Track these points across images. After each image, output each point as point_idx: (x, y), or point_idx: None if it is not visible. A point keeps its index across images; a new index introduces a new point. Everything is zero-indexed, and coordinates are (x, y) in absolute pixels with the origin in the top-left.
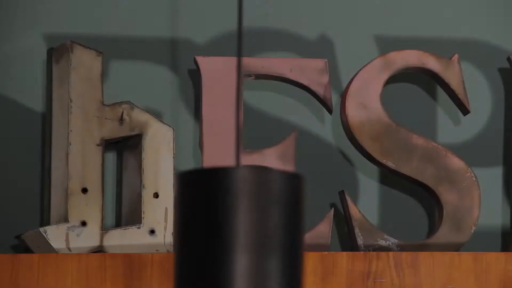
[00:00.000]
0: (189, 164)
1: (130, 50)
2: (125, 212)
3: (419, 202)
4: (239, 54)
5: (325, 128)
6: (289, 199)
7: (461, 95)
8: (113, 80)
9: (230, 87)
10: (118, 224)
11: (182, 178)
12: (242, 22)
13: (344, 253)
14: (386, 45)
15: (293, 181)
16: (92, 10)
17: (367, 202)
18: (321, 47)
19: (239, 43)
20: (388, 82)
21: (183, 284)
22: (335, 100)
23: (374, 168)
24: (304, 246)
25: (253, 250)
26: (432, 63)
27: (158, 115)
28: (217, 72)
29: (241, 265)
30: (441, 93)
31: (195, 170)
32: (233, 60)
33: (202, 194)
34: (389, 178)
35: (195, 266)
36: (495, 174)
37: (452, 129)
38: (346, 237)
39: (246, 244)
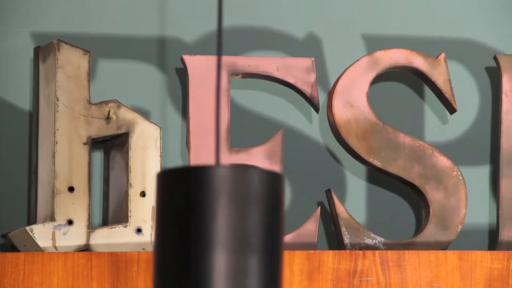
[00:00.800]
0: (177, 163)
1: (118, 49)
2: (112, 210)
3: (407, 201)
4: (219, 53)
5: (312, 126)
6: (269, 198)
7: (447, 94)
8: (101, 79)
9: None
10: (105, 222)
11: (163, 177)
12: (222, 22)
13: (330, 251)
14: (374, 44)
15: (273, 180)
16: (80, 9)
17: (354, 201)
18: (309, 46)
19: (218, 42)
20: (376, 80)
21: (162, 282)
22: (323, 98)
23: (362, 167)
24: (284, 245)
25: (232, 248)
26: (419, 62)
27: (146, 114)
28: (204, 71)
29: (220, 263)
30: (428, 92)
31: (175, 169)
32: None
33: (182, 193)
34: (377, 176)
35: (174, 264)
36: (482, 173)
37: (439, 128)
38: (334, 236)
39: (225, 243)
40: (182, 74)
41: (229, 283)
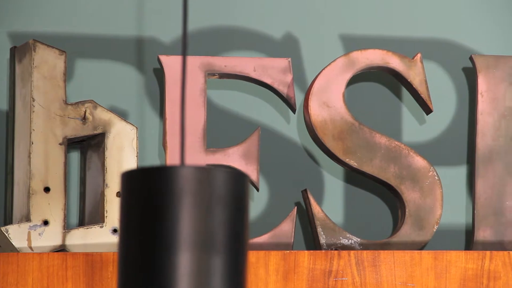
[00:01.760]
0: (154, 163)
1: (96, 49)
2: (88, 211)
3: (384, 201)
4: (184, 53)
5: (290, 127)
6: (233, 198)
7: (424, 95)
8: (78, 79)
9: (193, 86)
10: (81, 223)
11: (126, 177)
12: (187, 22)
13: (306, 251)
14: (351, 44)
15: (237, 180)
16: (58, 8)
17: (332, 201)
18: (287, 46)
19: (183, 42)
20: (354, 81)
21: (126, 283)
22: (301, 99)
23: (339, 167)
24: (248, 244)
25: (196, 249)
26: (395, 62)
27: (123, 114)
28: (180, 71)
29: (184, 264)
30: (406, 92)
31: (139, 169)
32: (196, 59)
33: (145, 193)
34: (354, 176)
35: (138, 265)
36: (459, 173)
37: (416, 128)
38: (311, 236)
39: (189, 243)
40: (160, 74)
41: (193, 283)
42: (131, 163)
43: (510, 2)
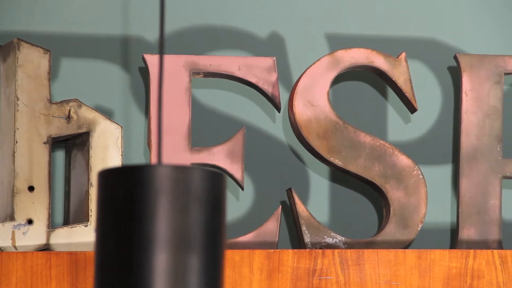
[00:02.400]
0: (140, 162)
1: (81, 48)
2: (73, 210)
3: (370, 200)
4: (161, 52)
5: (276, 126)
6: (209, 197)
7: (408, 94)
8: (63, 78)
9: (178, 85)
10: (66, 222)
11: (103, 176)
12: (164, 20)
13: (290, 250)
14: (337, 43)
15: (214, 180)
16: (43, 7)
17: (317, 200)
18: (272, 45)
19: (160, 41)
20: (340, 80)
21: (103, 282)
22: (286, 98)
23: (325, 166)
24: (225, 243)
25: (173, 247)
26: (379, 61)
27: (109, 113)
28: (166, 69)
29: (161, 262)
30: (391, 91)
31: (115, 168)
32: (181, 58)
33: (122, 192)
34: (340, 175)
35: (115, 264)
36: (445, 172)
37: (402, 127)
38: (296, 235)
39: (166, 242)
40: (145, 73)
41: (170, 282)
42: (116, 162)
43: (494, 2)
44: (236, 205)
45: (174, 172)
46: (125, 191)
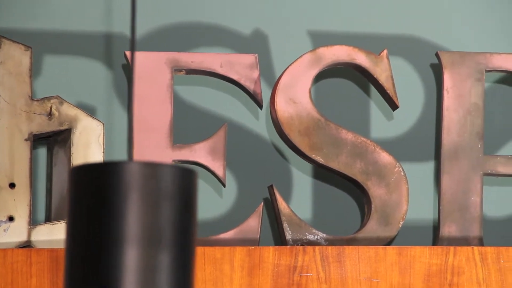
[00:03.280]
0: (122, 159)
1: (64, 45)
2: (55, 207)
3: (352, 197)
4: (132, 49)
5: (259, 123)
6: (180, 194)
7: (390, 91)
8: (46, 75)
9: (160, 82)
10: (48, 219)
11: (74, 173)
12: (135, 18)
13: (271, 247)
14: (320, 40)
15: (185, 176)
16: (24, 4)
17: (300, 197)
18: (255, 42)
19: (132, 39)
20: (323, 77)
21: (73, 279)
22: (268, 95)
23: (308, 163)
24: (196, 240)
25: (143, 244)
26: (361, 58)
27: (91, 110)
28: (147, 66)
29: (131, 259)
30: (374, 89)
31: (86, 164)
32: (163, 55)
33: (93, 188)
34: (322, 173)
35: (85, 261)
36: (427, 169)
37: (385, 124)
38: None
39: (136, 239)
40: (128, 70)
41: (140, 279)
42: (97, 159)
43: None
44: (219, 202)
45: (145, 169)
46: (96, 188)
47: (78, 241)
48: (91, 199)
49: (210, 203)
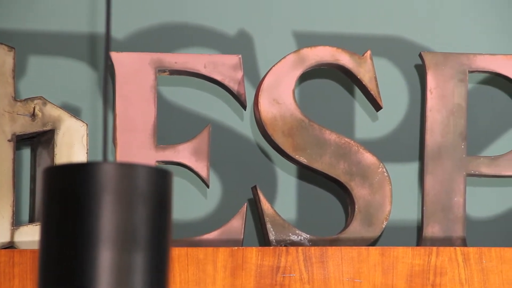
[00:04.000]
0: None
1: (48, 45)
2: (38, 208)
3: (336, 197)
4: (107, 50)
5: (243, 123)
6: (155, 194)
7: (373, 91)
8: (30, 76)
9: (143, 82)
10: (31, 220)
11: (47, 174)
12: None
13: (254, 248)
14: (305, 41)
15: (160, 177)
16: (8, 4)
17: (284, 197)
18: (240, 43)
19: (106, 38)
20: (308, 77)
21: (47, 281)
22: (253, 95)
23: (292, 164)
24: (171, 241)
25: (117, 245)
26: (345, 59)
27: (76, 111)
28: (131, 67)
29: (105, 260)
30: (359, 89)
31: (60, 165)
32: (146, 56)
33: (66, 189)
34: (307, 173)
35: (59, 262)
36: (411, 169)
37: (369, 125)
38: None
39: (110, 240)
40: (113, 70)
41: (114, 280)
42: (81, 160)
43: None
44: (203, 203)
45: (119, 170)
46: (70, 189)
47: (52, 242)
48: (65, 200)
49: (194, 204)
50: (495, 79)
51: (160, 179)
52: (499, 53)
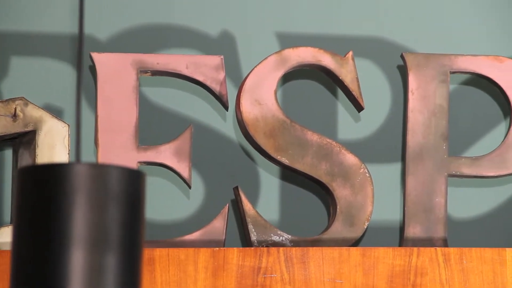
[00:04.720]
0: (90, 161)
1: (30, 46)
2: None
3: (318, 198)
4: (79, 50)
5: (226, 124)
6: (128, 195)
7: (355, 92)
8: (12, 76)
9: (125, 83)
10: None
11: (20, 175)
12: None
13: (235, 248)
14: (287, 41)
15: (132, 178)
16: None
17: (267, 198)
18: (222, 44)
19: (79, 38)
20: (290, 78)
21: (18, 282)
22: (235, 96)
23: (274, 165)
24: (143, 242)
25: (89, 246)
26: (327, 60)
27: (58, 112)
28: (112, 68)
29: (77, 261)
30: (341, 90)
31: (32, 166)
32: (128, 56)
33: (39, 190)
34: (290, 174)
35: (31, 263)
36: (394, 170)
37: (352, 126)
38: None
39: (82, 241)
40: (95, 71)
41: (86, 281)
42: (63, 161)
43: (441, 0)
44: (185, 204)
45: (92, 170)
46: (42, 190)
47: (24, 242)
48: (37, 201)
49: (176, 205)
50: (476, 80)
51: (133, 180)
52: (481, 54)
